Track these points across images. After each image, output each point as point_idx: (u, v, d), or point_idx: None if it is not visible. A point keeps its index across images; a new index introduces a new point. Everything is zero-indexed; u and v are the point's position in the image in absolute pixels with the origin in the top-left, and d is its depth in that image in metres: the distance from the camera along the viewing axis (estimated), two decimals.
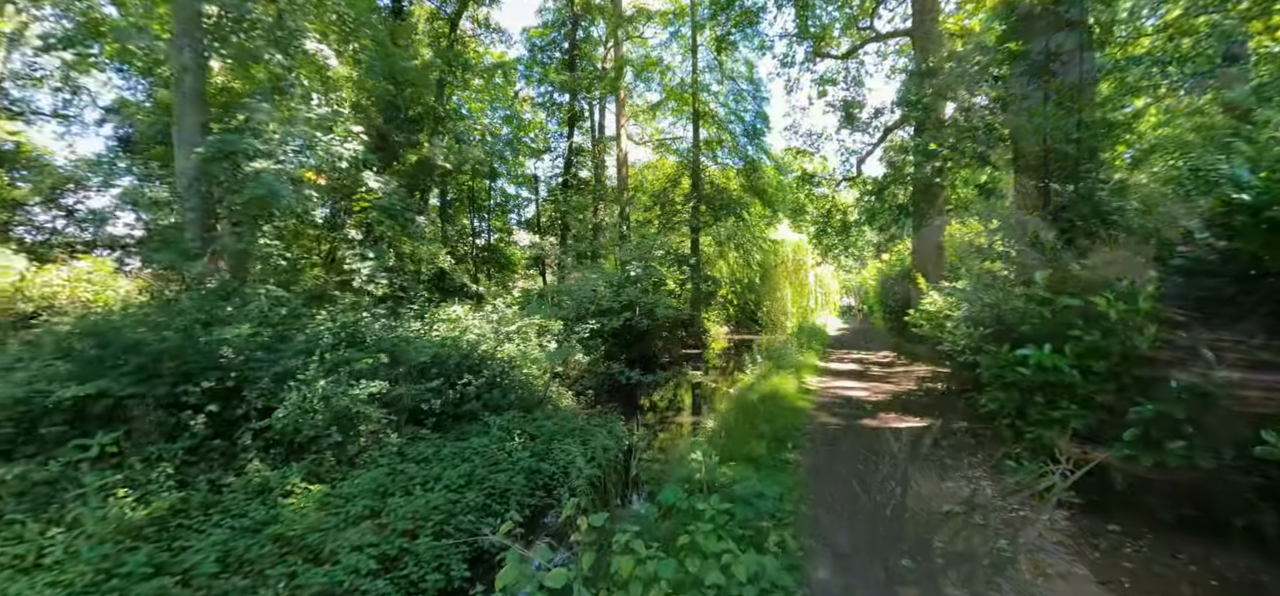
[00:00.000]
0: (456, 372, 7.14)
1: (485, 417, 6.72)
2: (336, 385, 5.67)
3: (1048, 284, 4.07)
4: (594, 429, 6.72)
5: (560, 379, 10.74)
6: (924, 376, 10.24)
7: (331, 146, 7.51)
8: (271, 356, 5.60)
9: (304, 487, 4.61)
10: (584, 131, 25.63)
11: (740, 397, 7.72)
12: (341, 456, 5.28)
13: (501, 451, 5.75)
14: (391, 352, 6.44)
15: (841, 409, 7.52)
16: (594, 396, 10.58)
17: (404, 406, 6.18)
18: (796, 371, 9.74)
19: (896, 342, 16.71)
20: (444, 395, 6.62)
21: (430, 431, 6.23)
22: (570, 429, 6.50)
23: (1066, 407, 3.74)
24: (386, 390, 6.00)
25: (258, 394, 5.16)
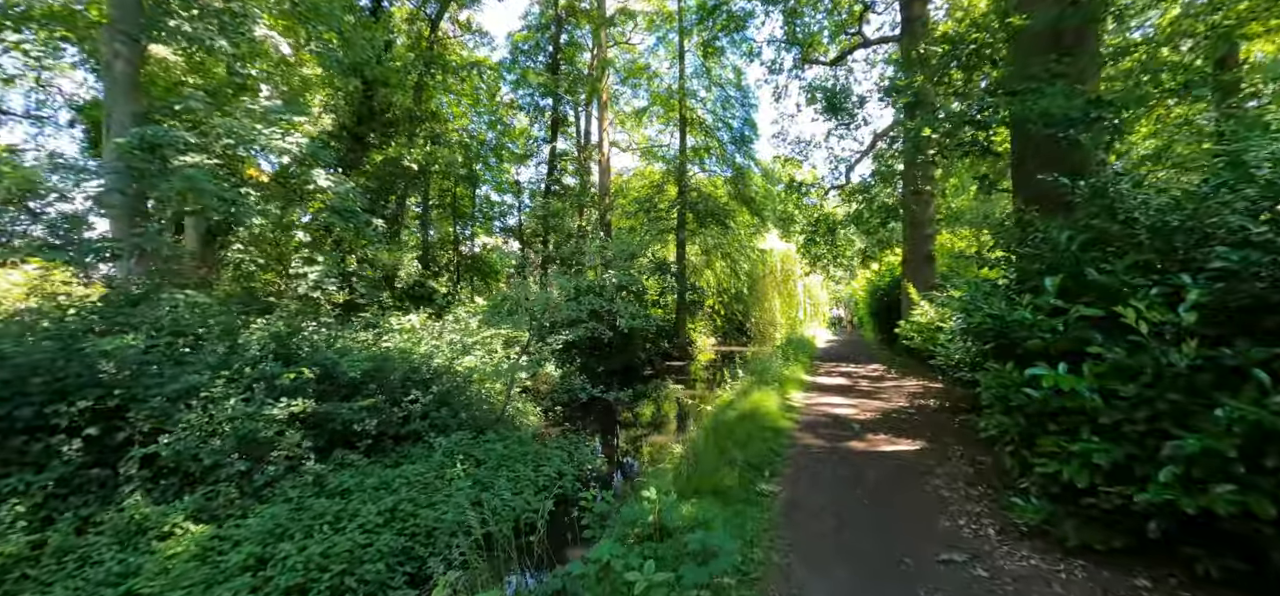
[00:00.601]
0: (402, 389, 6.43)
1: (431, 439, 6.00)
2: (250, 404, 4.95)
3: (1060, 290, 3.48)
4: (552, 452, 6.02)
5: (529, 393, 10.03)
6: (915, 391, 9.66)
7: (272, 141, 6.83)
8: (173, 371, 4.86)
9: (186, 528, 3.87)
10: (570, 138, 25.16)
11: (716, 416, 7.06)
12: (246, 488, 4.55)
13: (440, 480, 5.03)
14: (324, 366, 5.72)
15: (827, 429, 6.88)
16: (565, 412, 9.88)
17: (333, 427, 5.45)
18: (780, 386, 9.10)
19: (886, 355, 16.17)
20: (383, 414, 5.89)
21: (362, 456, 5.50)
22: (524, 452, 5.80)
23: (1086, 439, 3.13)
24: (312, 409, 5.28)
25: (146, 414, 4.42)
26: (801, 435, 6.56)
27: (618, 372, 14.64)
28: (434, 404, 6.39)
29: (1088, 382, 3.14)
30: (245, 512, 4.20)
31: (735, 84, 22.35)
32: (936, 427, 6.72)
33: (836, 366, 13.90)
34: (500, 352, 9.34)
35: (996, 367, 4.00)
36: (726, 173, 22.22)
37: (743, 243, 21.59)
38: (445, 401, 6.62)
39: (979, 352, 4.85)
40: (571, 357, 12.52)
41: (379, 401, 5.80)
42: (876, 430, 6.74)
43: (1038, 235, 4.22)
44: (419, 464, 5.26)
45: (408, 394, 6.46)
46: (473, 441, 5.94)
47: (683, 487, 4.36)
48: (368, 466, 5.19)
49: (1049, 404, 3.42)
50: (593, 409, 10.64)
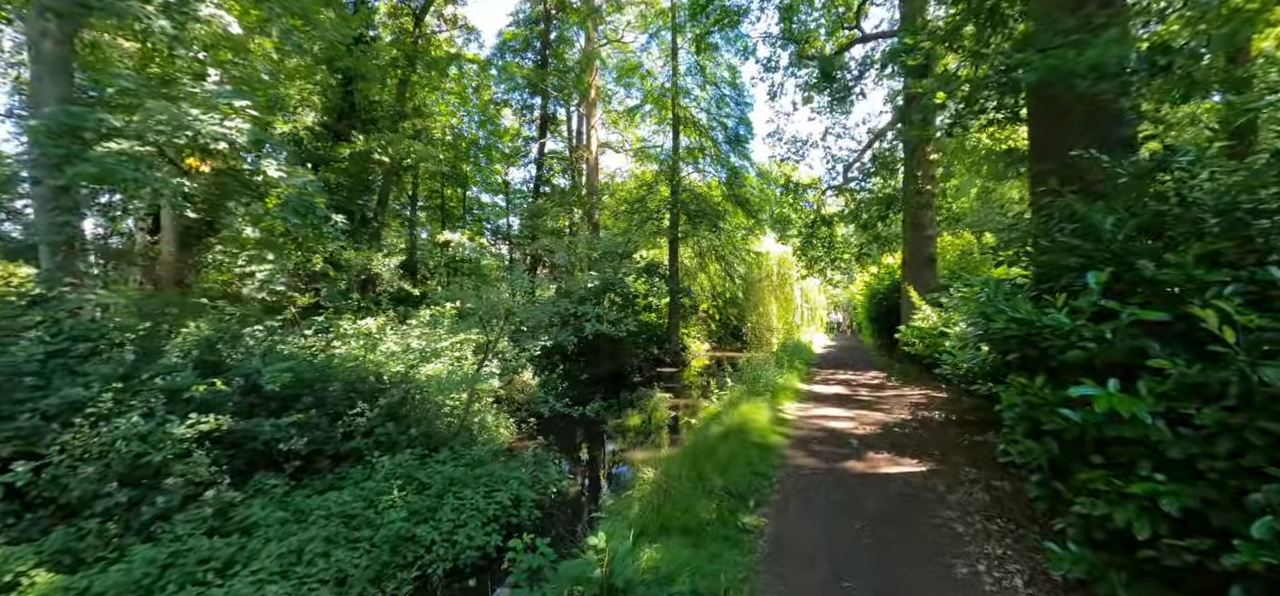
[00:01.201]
0: (345, 401, 5.71)
1: (374, 459, 5.29)
2: (150, 420, 4.24)
3: (1105, 287, 2.80)
4: (511, 474, 5.30)
5: (504, 403, 9.32)
6: (918, 402, 8.97)
7: (206, 126, 6.12)
8: (56, 383, 4.16)
9: (33, 579, 3.16)
10: (561, 138, 24.52)
11: (699, 433, 6.37)
12: (132, 522, 3.83)
13: (372, 510, 4.32)
14: (248, 376, 5.01)
15: (822, 446, 6.19)
16: (541, 423, 9.17)
17: (253, 447, 4.74)
18: (773, 396, 8.41)
19: (886, 362, 15.49)
20: (318, 431, 5.18)
21: (288, 481, 4.79)
22: (478, 475, 5.09)
23: (1149, 477, 2.44)
24: (228, 426, 4.58)
25: (8, 435, 3.71)
26: (793, 453, 5.86)
27: (605, 380, 13.94)
28: (382, 418, 5.67)
29: (1149, 404, 2.45)
30: (120, 556, 3.49)
31: (730, 82, 21.74)
32: (944, 445, 6.03)
33: (834, 373, 13.21)
34: (471, 360, 8.64)
35: (1023, 382, 3.31)
36: (721, 175, 21.58)
37: (737, 245, 20.92)
38: (396, 415, 5.91)
39: (998, 363, 4.16)
40: (553, 364, 11.82)
41: (310, 417, 5.09)
42: (877, 447, 6.05)
43: (1067, 225, 3.54)
44: (349, 490, 4.55)
45: (353, 407, 5.75)
46: (421, 462, 5.23)
47: (648, 524, 3.66)
48: (287, 495, 4.48)
49: (1093, 429, 2.74)
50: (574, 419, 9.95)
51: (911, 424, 7.23)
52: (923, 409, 8.33)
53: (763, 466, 5.18)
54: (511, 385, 9.64)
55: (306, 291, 10.72)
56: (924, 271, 14.19)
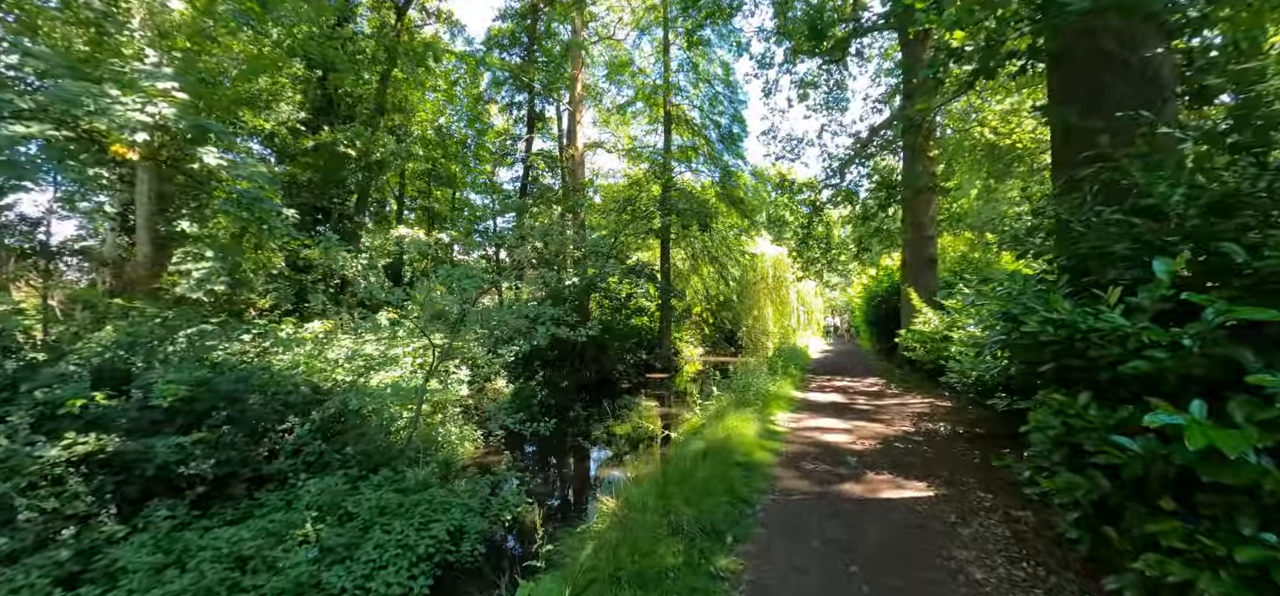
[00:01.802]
0: (272, 415, 5.02)
1: (299, 482, 4.59)
2: (14, 441, 3.54)
3: (1178, 276, 2.14)
4: (456, 500, 4.60)
5: (472, 413, 8.63)
6: (920, 412, 8.30)
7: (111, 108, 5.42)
8: None
9: None
10: (551, 137, 23.87)
11: (676, 451, 5.69)
12: None
13: (276, 549, 3.62)
14: (146, 389, 4.31)
15: (815, 464, 5.51)
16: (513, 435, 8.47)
17: (146, 471, 4.04)
18: (763, 406, 7.73)
19: (885, 367, 14.84)
20: (232, 450, 4.48)
21: (190, 510, 4.08)
22: (417, 501, 4.39)
23: (1256, 538, 1.77)
24: (116, 446, 3.88)
25: None
26: (783, 473, 5.18)
27: (591, 386, 13.24)
28: (313, 434, 4.98)
29: (1253, 438, 1.78)
30: None
31: (723, 79, 21.14)
32: (952, 463, 5.35)
33: (830, 380, 12.55)
34: None
35: (1060, 399, 2.64)
36: (715, 175, 20.94)
37: (732, 246, 20.26)
38: (332, 431, 5.22)
39: (1025, 374, 3.49)
40: (532, 370, 11.13)
41: (223, 434, 4.38)
42: (877, 465, 5.37)
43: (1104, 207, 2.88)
44: (254, 523, 3.85)
45: (284, 422, 5.05)
46: (352, 486, 4.53)
47: (599, 572, 2.98)
48: (178, 529, 3.77)
49: (1164, 465, 2.08)
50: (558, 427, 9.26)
51: (914, 438, 6.55)
52: (926, 420, 7.66)
53: (747, 491, 4.49)
54: (483, 394, 8.95)
55: (267, 293, 10.01)
56: (924, 273, 13.56)
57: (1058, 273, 3.53)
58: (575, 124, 16.10)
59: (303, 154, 10.77)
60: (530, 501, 5.03)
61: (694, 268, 21.42)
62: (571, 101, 16.76)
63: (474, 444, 7.46)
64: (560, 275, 11.94)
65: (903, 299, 14.07)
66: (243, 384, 4.80)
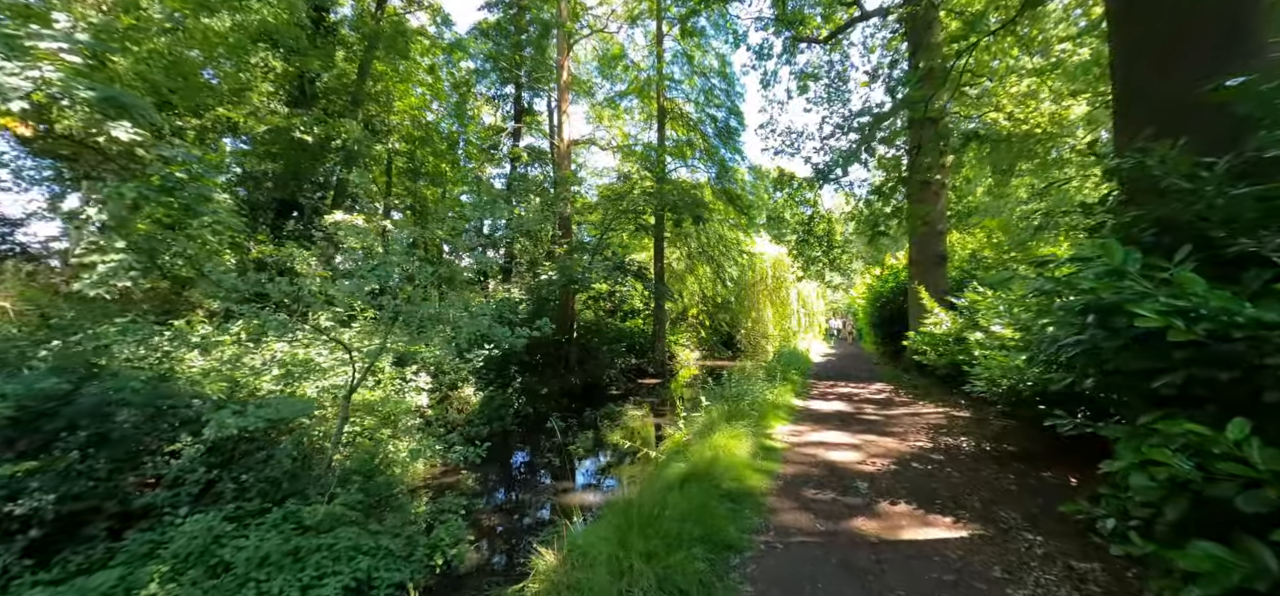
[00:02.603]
0: (161, 436, 4.11)
1: (176, 519, 3.68)
2: None
3: None
4: (374, 541, 3.69)
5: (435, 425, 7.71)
6: (936, 423, 7.38)
7: None
8: None
9: None
10: (541, 133, 23.04)
11: (651, 480, 4.77)
12: None
13: None
14: None
15: (820, 491, 4.59)
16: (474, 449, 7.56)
17: None
18: (760, 419, 6.81)
19: (891, 372, 13.91)
20: (89, 481, 3.58)
21: (20, 559, 3.17)
22: (319, 544, 3.49)
23: None
24: None
25: None
26: (780, 505, 4.26)
27: (577, 394, 12.32)
28: (205, 458, 4.06)
29: None
30: None
31: (719, 72, 20.31)
32: (985, 490, 4.43)
33: (834, 386, 11.63)
34: (388, 373, 7.04)
35: (1192, 429, 1.73)
36: (711, 173, 20.07)
37: (729, 245, 19.36)
38: (234, 453, 4.31)
39: (1107, 386, 2.58)
40: (508, 376, 10.21)
41: (71, 461, 3.48)
42: (894, 492, 4.46)
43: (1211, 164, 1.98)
44: (78, 584, 2.94)
45: (175, 440, 4.15)
46: (239, 524, 3.63)
47: None
48: None
49: None
50: (523, 443, 8.33)
51: (934, 456, 5.63)
52: (944, 433, 6.73)
53: (733, 531, 3.58)
54: (448, 403, 8.03)
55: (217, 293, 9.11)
56: (933, 271, 12.66)
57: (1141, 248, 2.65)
58: (561, 115, 15.24)
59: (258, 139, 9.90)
60: (471, 539, 4.12)
61: (690, 268, 20.52)
62: (558, 90, 15.90)
63: (429, 462, 6.54)
64: (536, 273, 11.05)
65: (910, 298, 13.17)
66: (116, 397, 3.89)
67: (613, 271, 12.64)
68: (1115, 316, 2.10)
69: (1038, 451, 5.39)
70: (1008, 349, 5.91)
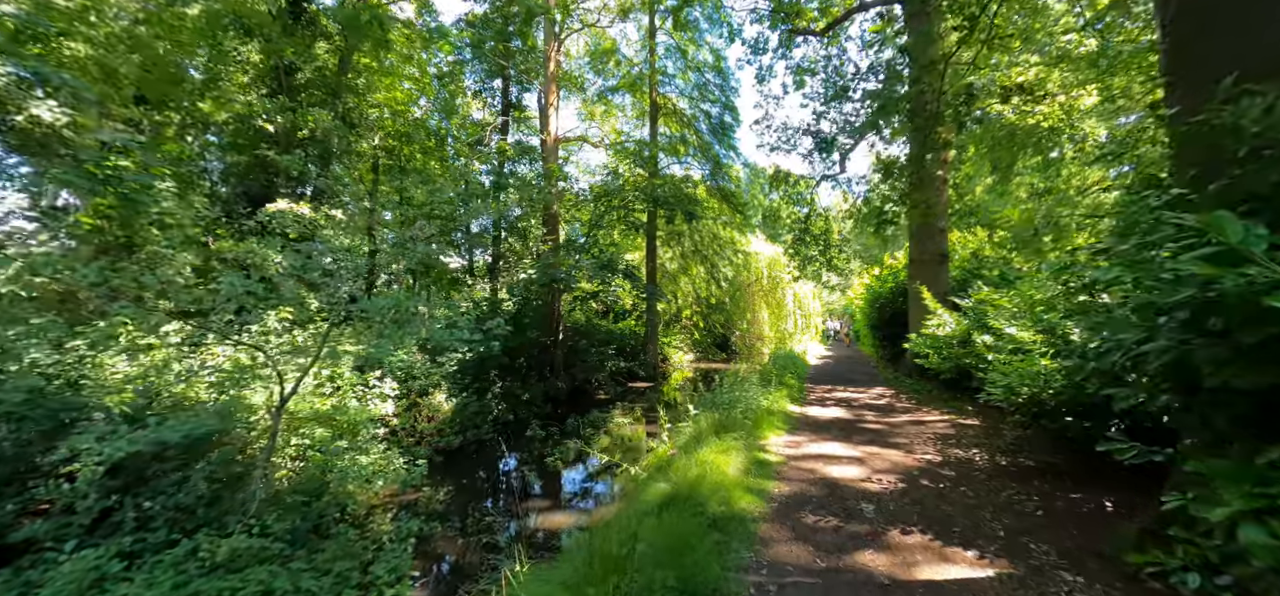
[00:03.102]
0: (50, 451, 3.51)
1: (59, 558, 3.09)
2: None
3: None
4: (278, 590, 3.10)
5: (404, 435, 7.14)
6: (944, 432, 6.84)
7: None
8: None
9: None
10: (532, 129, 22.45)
11: (627, 505, 4.22)
12: None
13: None
14: None
15: (820, 516, 4.04)
16: (448, 460, 6.98)
17: None
18: (753, 428, 6.26)
19: (891, 375, 13.40)
20: None
21: None
22: (217, 591, 2.91)
23: None
24: None
25: None
26: (774, 534, 3.71)
27: (561, 399, 11.74)
28: (105, 482, 3.47)
29: None
30: None
31: (713, 66, 19.79)
32: (1007, 515, 3.88)
33: (832, 390, 11.09)
34: (348, 378, 6.45)
35: None
36: (705, 171, 19.54)
37: (723, 244, 18.83)
38: (148, 475, 3.72)
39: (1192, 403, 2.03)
40: (487, 381, 9.62)
41: None
42: (905, 518, 3.91)
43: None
44: None
45: (73, 462, 3.55)
46: (126, 563, 3.04)
47: None
48: None
49: None
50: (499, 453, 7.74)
51: (945, 471, 5.09)
52: (953, 443, 6.20)
53: (717, 571, 3.02)
54: (417, 411, 7.44)
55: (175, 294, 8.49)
56: (935, 270, 12.16)
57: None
58: (548, 107, 14.67)
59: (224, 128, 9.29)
60: (417, 574, 3.55)
61: (683, 268, 19.98)
62: (544, 80, 15.33)
63: (391, 477, 5.95)
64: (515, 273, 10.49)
65: (911, 299, 12.66)
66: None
67: (599, 270, 12.06)
68: (1211, 315, 1.56)
69: (1061, 466, 4.87)
70: (1024, 353, 5.39)
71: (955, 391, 9.58)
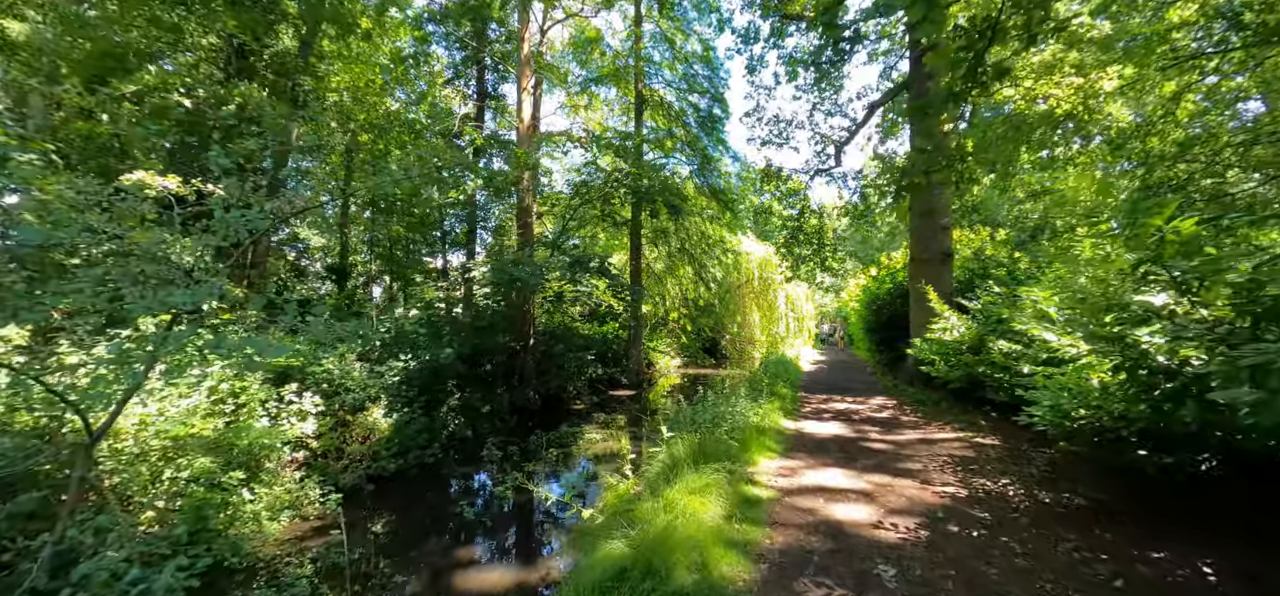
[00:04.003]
0: None
1: None
2: None
3: None
4: None
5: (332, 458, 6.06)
6: (961, 453, 5.88)
7: None
8: None
9: None
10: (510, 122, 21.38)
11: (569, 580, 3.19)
12: None
13: None
14: None
15: (825, 584, 3.03)
16: (381, 489, 5.90)
17: None
18: (740, 450, 5.25)
19: (891, 383, 12.45)
20: None
21: None
22: None
23: None
24: None
25: None
26: None
27: (532, 411, 10.66)
28: None
29: None
30: None
31: (702, 57, 18.85)
32: (1077, 585, 2.90)
33: (828, 400, 10.13)
34: (255, 390, 5.36)
35: None
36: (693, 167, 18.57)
37: (711, 243, 17.87)
38: None
39: None
40: (443, 392, 8.52)
41: None
42: (939, 589, 2.92)
43: None
44: None
45: None
46: None
47: None
48: None
49: None
50: (445, 479, 6.66)
51: (974, 511, 4.11)
52: (975, 469, 5.23)
53: None
54: (347, 430, 6.35)
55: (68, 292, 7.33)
56: (937, 269, 11.24)
57: None
58: (522, 93, 13.63)
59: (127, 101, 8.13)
60: None
61: (670, 268, 18.99)
62: (518, 65, 14.28)
63: (297, 513, 4.87)
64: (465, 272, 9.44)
65: (913, 301, 11.75)
66: None
67: (570, 269, 10.97)
68: None
69: (1117, 505, 3.90)
70: (1061, 363, 4.44)
71: (965, 403, 8.66)
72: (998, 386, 7.48)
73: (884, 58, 17.11)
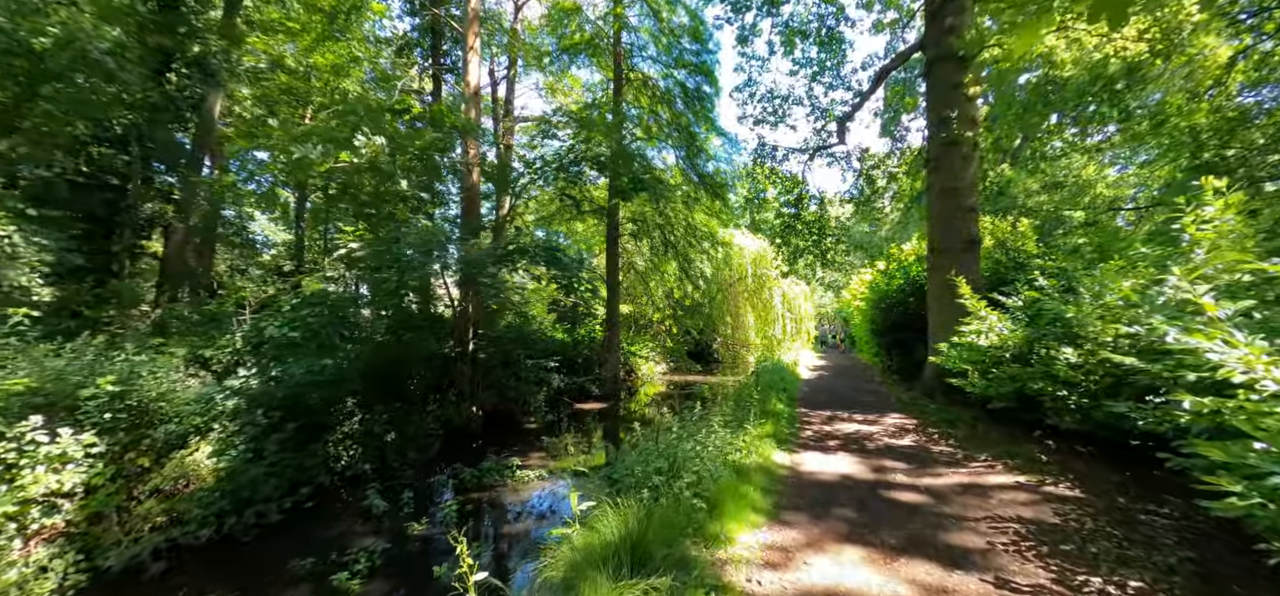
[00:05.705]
0: None
1: None
2: None
3: None
4: None
5: (105, 526, 4.12)
6: (1035, 514, 3.99)
7: None
8: None
9: None
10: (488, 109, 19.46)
11: None
12: None
13: None
14: None
15: None
16: (171, 565, 3.99)
17: None
18: (703, 529, 3.35)
19: (907, 397, 10.51)
20: None
21: None
22: None
23: None
24: None
25: None
26: None
27: (470, 432, 8.74)
28: None
29: None
30: None
31: (690, 30, 16.99)
32: None
33: (833, 419, 8.25)
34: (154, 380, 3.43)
35: None
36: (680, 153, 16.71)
37: (699, 235, 16.00)
38: None
39: None
40: (341, 413, 6.56)
41: None
42: None
43: None
44: None
45: None
46: None
47: None
48: None
49: None
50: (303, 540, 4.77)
51: None
52: (1072, 550, 3.35)
53: None
54: (147, 480, 4.41)
55: None
56: (963, 259, 9.34)
57: None
58: (468, 51, 11.72)
59: None
60: None
61: (654, 264, 17.09)
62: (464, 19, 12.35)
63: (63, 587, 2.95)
64: (350, 252, 7.56)
65: (933, 298, 9.85)
66: None
67: (510, 257, 9.00)
68: None
69: None
70: (1230, 391, 2.55)
71: (1009, 425, 6.80)
72: (1061, 409, 5.62)
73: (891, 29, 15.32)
